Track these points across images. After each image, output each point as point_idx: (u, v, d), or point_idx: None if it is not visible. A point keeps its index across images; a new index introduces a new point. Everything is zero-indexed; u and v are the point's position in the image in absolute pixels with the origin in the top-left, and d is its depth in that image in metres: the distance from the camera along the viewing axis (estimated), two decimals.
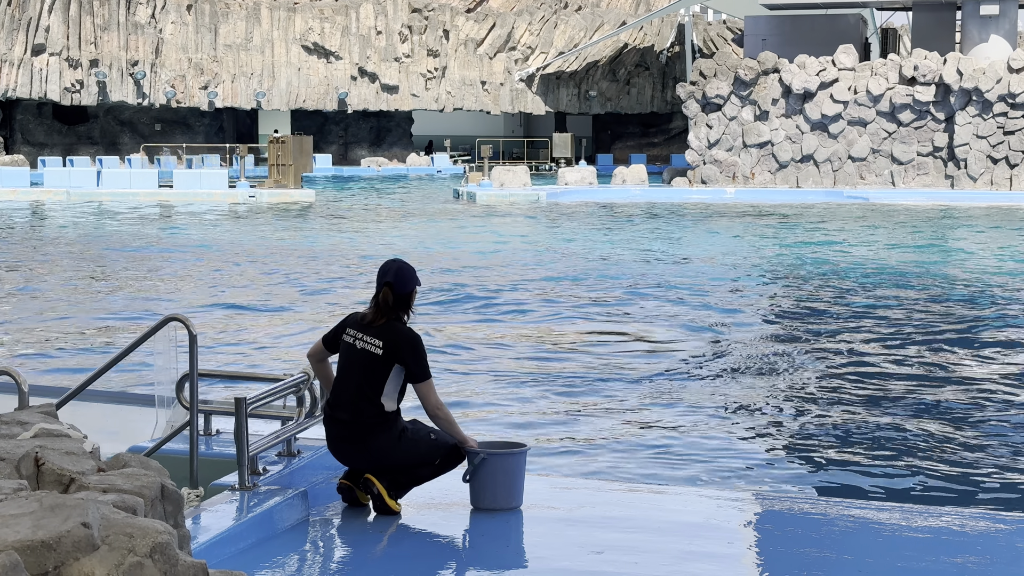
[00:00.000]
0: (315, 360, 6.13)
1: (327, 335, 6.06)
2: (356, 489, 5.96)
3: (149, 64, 55.68)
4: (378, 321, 5.86)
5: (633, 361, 13.02)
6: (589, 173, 44.46)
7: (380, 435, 5.82)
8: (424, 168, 59.27)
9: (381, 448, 5.82)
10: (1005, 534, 5.83)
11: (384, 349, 5.79)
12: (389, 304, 5.85)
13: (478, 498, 6.02)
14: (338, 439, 5.90)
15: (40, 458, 3.07)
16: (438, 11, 60.10)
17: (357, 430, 5.82)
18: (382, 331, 5.83)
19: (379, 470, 5.88)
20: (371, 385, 5.81)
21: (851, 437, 9.74)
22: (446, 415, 5.94)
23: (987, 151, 40.91)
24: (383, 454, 5.83)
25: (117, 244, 25.84)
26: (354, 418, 5.82)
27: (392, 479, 5.90)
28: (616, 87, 62.21)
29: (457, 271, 20.92)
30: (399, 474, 5.92)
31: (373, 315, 5.88)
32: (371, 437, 5.82)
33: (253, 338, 14.47)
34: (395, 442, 5.85)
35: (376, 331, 5.84)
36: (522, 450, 6.10)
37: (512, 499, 6.03)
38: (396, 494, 5.93)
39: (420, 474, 5.97)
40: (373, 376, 5.80)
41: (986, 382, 11.91)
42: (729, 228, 30.09)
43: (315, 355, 6.12)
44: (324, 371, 6.13)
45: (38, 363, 12.70)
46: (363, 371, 5.81)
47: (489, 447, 6.09)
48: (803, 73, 42.31)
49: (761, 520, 6.13)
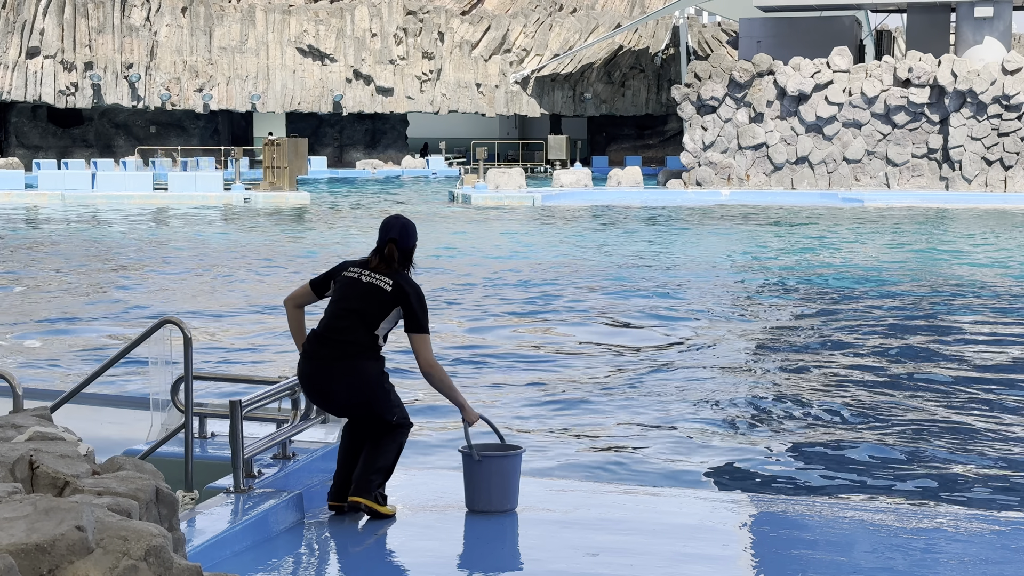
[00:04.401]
0: (293, 305, 6.06)
1: (316, 279, 6.02)
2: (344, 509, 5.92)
3: (144, 67, 55.65)
4: (383, 270, 5.90)
5: (629, 362, 13.02)
6: (584, 175, 44.46)
7: (368, 361, 5.77)
8: (419, 170, 59.25)
9: (365, 373, 5.75)
10: (1000, 534, 5.83)
11: (393, 288, 5.82)
12: (394, 259, 5.88)
13: (473, 500, 6.02)
14: (325, 359, 5.78)
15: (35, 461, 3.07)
16: (433, 13, 60.11)
17: (349, 350, 5.76)
18: (390, 274, 5.87)
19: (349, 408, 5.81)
20: (373, 314, 5.79)
21: (845, 439, 9.74)
22: (440, 375, 5.87)
23: (982, 153, 40.96)
24: (363, 381, 5.75)
25: (111, 247, 25.81)
26: (350, 339, 5.77)
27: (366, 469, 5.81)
28: (611, 89, 62.22)
29: (454, 273, 20.92)
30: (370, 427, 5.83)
31: (377, 265, 5.90)
32: (360, 360, 5.75)
33: (248, 341, 14.46)
34: (378, 376, 5.80)
35: (384, 273, 5.87)
36: (517, 452, 6.10)
37: (507, 501, 6.02)
38: (382, 497, 5.89)
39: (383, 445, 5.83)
40: (378, 306, 5.79)
41: (980, 383, 11.92)
42: (724, 230, 30.10)
43: (296, 299, 6.06)
44: (299, 319, 6.07)
45: (32, 366, 12.68)
46: (368, 300, 5.80)
47: (484, 449, 6.09)
48: (798, 75, 42.34)
49: (756, 522, 6.14)
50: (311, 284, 6.03)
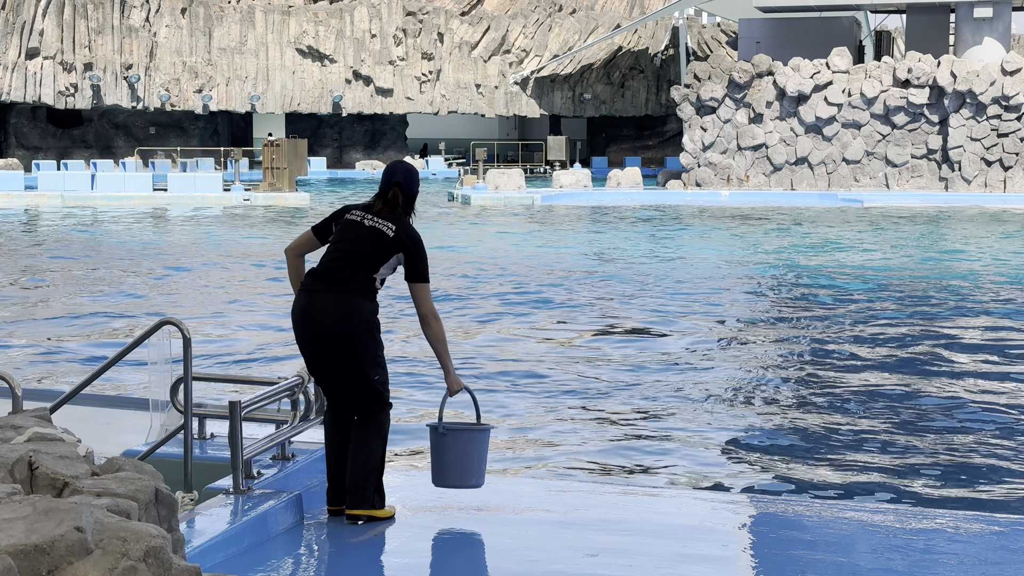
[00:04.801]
0: (294, 254, 5.98)
1: (317, 224, 5.95)
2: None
3: (143, 67, 55.65)
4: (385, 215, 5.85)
5: (628, 362, 13.02)
6: (584, 176, 44.47)
7: (363, 300, 5.71)
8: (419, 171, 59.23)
9: (358, 308, 5.68)
10: (999, 535, 5.84)
11: (395, 233, 5.77)
12: (398, 203, 5.85)
13: (434, 476, 5.89)
14: (320, 292, 5.72)
15: (34, 462, 3.07)
16: (432, 14, 60.11)
17: (346, 287, 5.70)
18: (393, 220, 5.83)
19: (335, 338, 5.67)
20: (373, 257, 5.73)
21: (845, 439, 9.74)
22: (439, 327, 5.82)
23: (981, 153, 40.97)
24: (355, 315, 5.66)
25: (111, 248, 25.81)
26: (348, 276, 5.71)
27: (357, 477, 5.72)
28: (611, 90, 62.23)
29: (450, 274, 20.93)
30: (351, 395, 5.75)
31: (380, 209, 5.86)
32: (355, 296, 5.70)
33: (247, 341, 14.46)
34: (371, 316, 5.72)
35: (387, 218, 5.83)
36: (482, 428, 5.94)
37: (469, 478, 5.86)
38: (380, 499, 5.85)
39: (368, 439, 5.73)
40: (379, 250, 5.74)
41: (979, 384, 11.93)
42: (723, 231, 30.11)
43: (297, 247, 5.98)
44: (299, 267, 6.00)
45: (32, 367, 12.68)
46: (370, 243, 5.75)
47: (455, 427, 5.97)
48: (797, 76, 42.35)
49: (756, 522, 6.14)
50: (313, 230, 5.96)
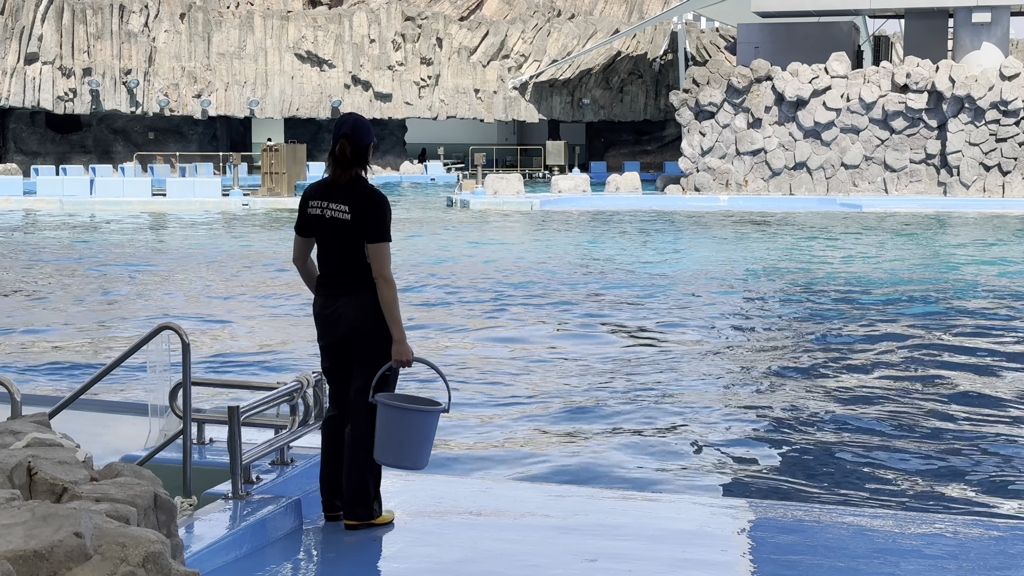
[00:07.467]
0: (300, 262, 5.92)
1: (297, 224, 5.88)
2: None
3: (142, 73, 55.66)
4: (341, 178, 5.70)
5: (627, 366, 13.02)
6: (582, 181, 44.51)
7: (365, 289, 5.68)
8: (418, 176, 59.30)
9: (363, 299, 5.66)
10: (998, 540, 5.83)
11: (351, 213, 5.65)
12: (347, 156, 5.69)
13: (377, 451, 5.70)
14: (330, 285, 5.72)
15: (33, 467, 3.07)
16: (431, 19, 60.14)
17: (347, 277, 5.68)
18: (347, 194, 5.68)
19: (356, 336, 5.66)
20: (350, 245, 5.67)
21: (844, 444, 9.75)
22: (392, 292, 5.65)
23: (979, 158, 41.01)
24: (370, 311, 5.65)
25: (110, 253, 25.81)
26: (348, 279, 5.69)
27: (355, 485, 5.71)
28: (609, 95, 62.27)
29: (451, 277, 20.93)
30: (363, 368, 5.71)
31: (333, 171, 5.72)
32: (364, 292, 5.67)
33: (246, 347, 14.46)
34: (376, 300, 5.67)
35: (340, 195, 5.69)
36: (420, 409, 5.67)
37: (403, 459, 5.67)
38: (378, 504, 5.84)
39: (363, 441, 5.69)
40: (349, 237, 5.66)
41: (978, 389, 11.93)
42: (722, 235, 30.12)
43: (299, 255, 5.91)
44: (310, 271, 5.94)
45: (31, 372, 12.68)
46: (336, 235, 5.68)
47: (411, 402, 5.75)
48: (796, 81, 42.38)
49: (755, 527, 6.14)
50: (296, 232, 5.90)
